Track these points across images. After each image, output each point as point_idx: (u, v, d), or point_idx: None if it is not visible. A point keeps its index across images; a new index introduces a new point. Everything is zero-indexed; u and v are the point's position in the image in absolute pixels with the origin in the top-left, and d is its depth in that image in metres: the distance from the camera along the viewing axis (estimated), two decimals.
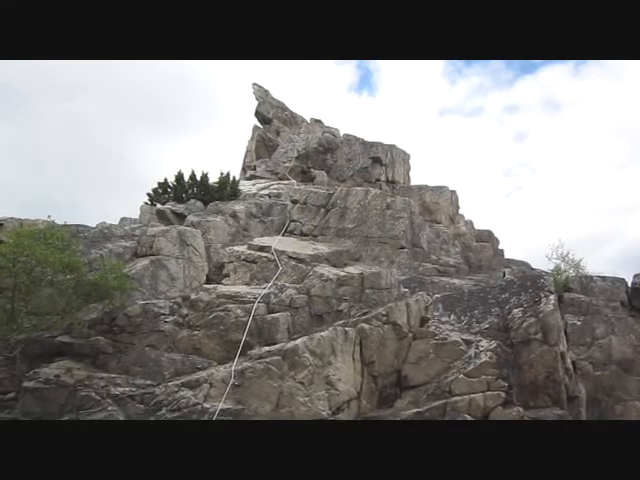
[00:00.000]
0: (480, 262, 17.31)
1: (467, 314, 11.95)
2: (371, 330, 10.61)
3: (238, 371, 9.40)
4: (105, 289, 10.60)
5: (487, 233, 18.95)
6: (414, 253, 15.46)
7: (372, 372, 10.52)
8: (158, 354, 10.13)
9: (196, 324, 10.48)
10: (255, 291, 11.39)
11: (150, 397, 9.38)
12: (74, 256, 10.52)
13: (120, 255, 12.50)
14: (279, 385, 9.35)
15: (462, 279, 14.89)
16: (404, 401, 10.54)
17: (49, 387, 9.41)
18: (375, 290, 11.54)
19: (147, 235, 12.82)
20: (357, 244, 14.94)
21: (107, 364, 10.06)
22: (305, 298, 11.14)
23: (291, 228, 15.60)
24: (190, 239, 13.06)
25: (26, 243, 9.84)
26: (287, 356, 9.61)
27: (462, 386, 10.31)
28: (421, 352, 10.87)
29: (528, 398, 10.85)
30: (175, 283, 12.50)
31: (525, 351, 11.03)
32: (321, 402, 9.52)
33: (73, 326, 10.36)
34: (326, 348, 9.95)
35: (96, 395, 9.39)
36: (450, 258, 16.15)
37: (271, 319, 10.59)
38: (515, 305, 11.74)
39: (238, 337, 10.19)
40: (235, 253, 13.38)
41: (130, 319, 10.43)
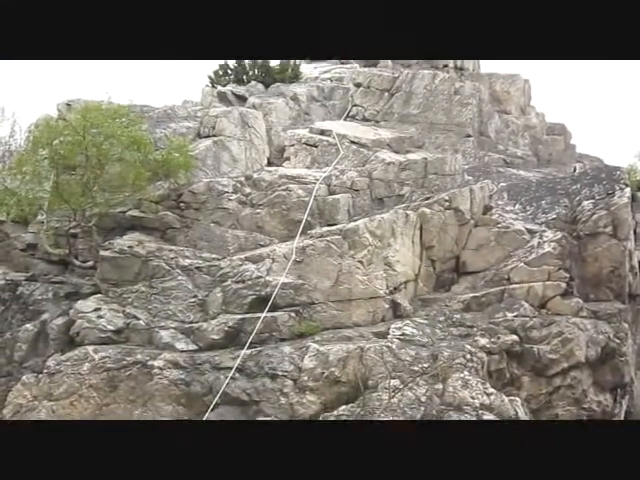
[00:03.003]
0: (550, 156, 16.49)
1: (533, 204, 11.60)
2: (432, 215, 10.52)
3: (299, 248, 9.65)
4: (171, 166, 10.86)
5: (560, 126, 17.83)
6: (480, 142, 14.87)
7: (431, 256, 10.58)
8: (222, 230, 10.49)
9: (259, 203, 10.69)
10: (316, 174, 11.39)
11: (216, 269, 9.86)
12: (140, 132, 10.72)
13: (183, 135, 12.63)
14: (339, 263, 9.58)
15: (529, 171, 14.31)
16: (461, 286, 10.65)
17: (124, 256, 10.03)
18: (438, 176, 11.32)
19: (209, 115, 12.83)
20: (421, 131, 14.43)
21: (175, 238, 10.55)
22: (366, 181, 11.08)
23: (353, 113, 15.17)
24: (251, 121, 12.98)
25: (94, 116, 10.06)
26: (347, 235, 9.75)
27: (522, 274, 10.25)
28: (482, 239, 10.76)
29: (589, 291, 10.73)
30: (237, 165, 12.63)
31: (592, 244, 10.74)
32: (379, 281, 9.74)
33: (142, 201, 10.80)
34: (386, 230, 10.00)
35: (166, 265, 9.95)
36: (518, 149, 15.46)
37: (332, 200, 10.65)
38: (586, 197, 11.28)
39: (299, 216, 10.36)
40: (296, 136, 13.26)
41: (195, 196, 10.74)
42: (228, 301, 9.49)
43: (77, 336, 9.51)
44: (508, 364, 9.52)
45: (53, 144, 10.36)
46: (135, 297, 9.78)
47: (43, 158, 10.55)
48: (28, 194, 10.45)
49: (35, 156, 10.64)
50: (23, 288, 10.39)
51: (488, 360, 9.26)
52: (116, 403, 8.95)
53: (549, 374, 9.61)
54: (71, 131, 10.22)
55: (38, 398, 9.03)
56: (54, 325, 9.75)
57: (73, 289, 10.35)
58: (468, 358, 9.03)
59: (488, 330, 9.56)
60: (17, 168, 10.74)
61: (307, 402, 8.56)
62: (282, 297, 9.33)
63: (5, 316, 10.23)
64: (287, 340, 9.14)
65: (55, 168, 10.42)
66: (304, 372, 8.69)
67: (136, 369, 9.01)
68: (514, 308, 9.87)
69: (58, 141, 10.41)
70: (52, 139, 10.43)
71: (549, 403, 9.65)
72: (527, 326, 9.69)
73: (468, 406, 8.41)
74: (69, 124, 10.42)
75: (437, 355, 8.94)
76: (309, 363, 8.73)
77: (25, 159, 10.80)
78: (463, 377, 8.72)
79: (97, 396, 8.97)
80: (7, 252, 11.41)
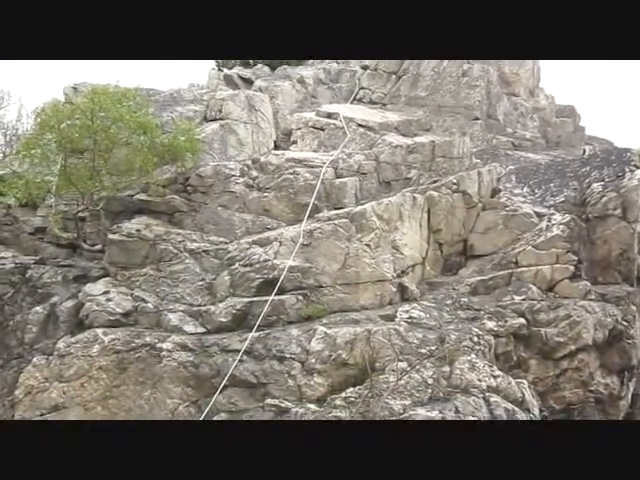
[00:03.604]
0: (559, 138, 16.33)
1: (542, 187, 11.53)
2: (440, 198, 10.48)
3: (307, 231, 9.65)
4: (178, 150, 10.84)
5: (569, 109, 17.62)
6: (488, 125, 14.73)
7: (438, 240, 10.56)
8: (230, 214, 10.50)
9: (266, 186, 10.67)
10: (323, 157, 11.35)
11: (223, 253, 9.89)
12: (147, 116, 10.70)
13: (190, 119, 12.59)
14: (346, 246, 9.57)
15: (538, 154, 14.20)
16: (468, 269, 10.63)
17: (132, 240, 10.07)
18: (446, 159, 11.24)
19: (216, 99, 12.79)
20: (428, 114, 14.33)
21: (182, 222, 10.57)
22: (374, 164, 11.02)
23: (360, 96, 15.08)
24: (258, 104, 12.93)
25: (102, 100, 10.03)
26: (355, 219, 9.73)
27: (529, 258, 10.22)
28: (490, 222, 10.72)
29: (597, 274, 10.70)
30: (244, 148, 12.61)
31: (601, 226, 10.68)
32: (386, 265, 9.73)
33: (149, 185, 10.81)
34: (394, 213, 9.97)
35: (174, 249, 9.98)
36: (527, 132, 15.32)
37: (339, 184, 10.62)
38: (596, 179, 11.19)
39: (306, 200, 10.34)
40: (303, 120, 13.20)
41: (202, 179, 10.74)
42: (236, 284, 9.52)
43: (86, 319, 9.59)
44: (515, 347, 9.53)
45: (61, 127, 10.36)
46: (143, 280, 9.83)
47: (51, 142, 10.56)
48: (36, 177, 10.49)
49: (42, 139, 10.65)
50: (32, 271, 10.47)
51: (495, 343, 9.28)
52: (125, 385, 9.05)
53: (556, 357, 9.62)
54: (79, 114, 10.21)
55: (49, 380, 9.14)
56: (63, 308, 9.84)
57: (82, 272, 10.42)
58: (475, 341, 9.05)
59: (495, 313, 9.56)
60: (25, 151, 10.77)
61: (314, 384, 8.62)
62: (290, 280, 9.35)
63: (15, 299, 10.33)
64: (295, 323, 9.17)
65: (63, 152, 10.43)
66: (312, 355, 8.74)
67: (145, 351, 9.09)
68: (522, 291, 9.85)
69: (66, 124, 10.41)
70: (60, 122, 10.42)
71: (556, 386, 9.67)
72: (535, 309, 9.68)
73: (475, 388, 8.45)
74: (77, 107, 10.41)
75: (444, 338, 8.95)
76: (317, 346, 8.77)
77: (32, 142, 10.82)
78: (470, 360, 8.74)
79: (107, 378, 9.07)
80: (16, 236, 11.49)
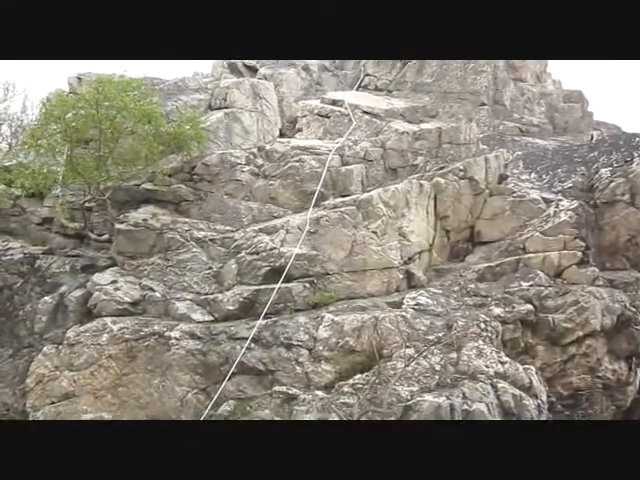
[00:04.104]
0: (566, 124, 16.15)
1: (549, 173, 11.46)
2: (447, 184, 10.44)
3: (313, 219, 9.65)
4: (183, 139, 10.83)
5: (577, 94, 17.42)
6: (495, 111, 14.60)
7: (445, 226, 10.54)
8: (236, 202, 10.50)
9: (272, 174, 10.65)
10: (329, 144, 11.31)
11: (230, 241, 9.91)
12: (152, 105, 10.67)
13: (195, 108, 12.56)
14: (353, 234, 9.57)
15: (545, 139, 14.08)
16: (475, 256, 10.61)
17: (139, 229, 10.10)
18: (453, 145, 11.18)
19: (220, 87, 12.74)
20: (434, 100, 14.20)
21: (189, 211, 10.59)
22: (380, 151, 10.98)
23: (365, 82, 14.94)
24: (263, 92, 12.86)
25: (107, 89, 10.01)
26: (361, 206, 9.72)
27: (537, 244, 10.19)
28: (497, 209, 10.68)
29: (605, 259, 10.67)
30: (249, 137, 12.57)
31: (609, 212, 10.64)
32: (393, 252, 9.73)
33: (155, 174, 10.81)
34: (400, 200, 9.94)
35: (181, 238, 10.01)
36: (534, 117, 15.17)
37: (345, 171, 10.59)
38: (604, 164, 11.12)
39: (313, 187, 10.32)
40: (308, 107, 13.11)
41: (208, 168, 10.73)
42: (243, 272, 9.55)
43: (95, 308, 9.65)
44: (523, 333, 9.53)
45: (66, 118, 10.36)
46: (151, 269, 9.87)
47: (57, 132, 10.56)
48: (42, 167, 10.51)
49: (48, 130, 10.65)
50: (41, 261, 10.53)
51: (503, 329, 9.28)
52: (135, 373, 9.12)
53: (564, 343, 9.62)
54: (84, 104, 10.20)
55: (59, 368, 9.23)
56: (72, 297, 9.90)
57: (89, 262, 10.48)
58: (482, 327, 9.05)
59: (503, 300, 9.55)
60: (31, 141, 10.78)
61: (322, 371, 8.66)
62: (296, 268, 9.36)
63: (24, 289, 10.40)
64: (302, 310, 9.21)
65: (68, 142, 10.43)
66: (319, 342, 8.77)
67: (154, 340, 9.16)
68: (529, 277, 9.83)
69: (71, 114, 10.41)
70: (65, 112, 10.42)
71: (563, 372, 9.68)
72: (542, 295, 9.66)
73: (482, 374, 8.47)
74: (82, 97, 10.40)
75: (452, 324, 8.97)
76: (324, 333, 8.80)
77: (38, 133, 10.83)
78: (477, 346, 8.76)
79: (116, 366, 9.14)
80: (24, 226, 11.53)
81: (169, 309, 9.54)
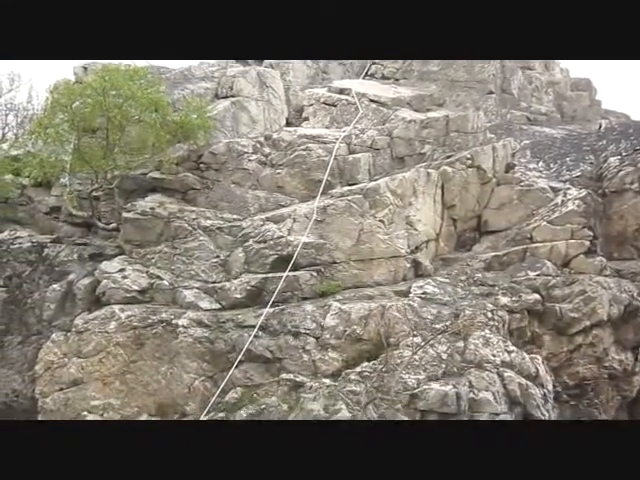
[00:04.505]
0: (574, 112, 16.06)
1: (557, 161, 11.40)
2: (454, 173, 10.40)
3: (320, 207, 9.64)
4: (189, 128, 10.81)
5: (585, 82, 17.29)
6: (503, 99, 14.51)
7: (452, 215, 10.52)
8: (243, 191, 10.50)
9: (279, 163, 10.64)
10: (336, 133, 11.28)
11: (237, 230, 9.92)
12: (159, 93, 10.65)
13: (201, 96, 12.52)
14: (360, 222, 9.56)
15: (553, 128, 13.98)
16: (482, 245, 10.59)
17: (146, 218, 10.12)
18: (460, 134, 11.12)
19: (227, 76, 12.68)
20: (441, 88, 14.12)
21: (196, 199, 10.60)
22: (387, 140, 10.94)
23: (372, 71, 14.87)
24: (269, 80, 12.81)
25: (114, 78, 9.99)
26: (368, 195, 9.71)
27: (544, 233, 10.15)
28: (504, 198, 10.64)
29: (613, 249, 10.62)
30: (256, 125, 12.53)
31: (617, 201, 10.58)
32: (400, 241, 9.72)
33: (162, 163, 10.81)
34: (407, 189, 9.92)
35: (188, 226, 10.03)
36: (542, 106, 15.08)
37: (352, 159, 10.57)
38: (612, 153, 11.05)
39: (320, 176, 10.31)
40: (314, 96, 13.08)
41: (215, 157, 10.72)
42: (250, 261, 9.57)
43: (103, 296, 9.70)
44: (529, 323, 9.52)
45: (73, 106, 10.36)
46: (158, 258, 9.91)
47: (64, 121, 10.56)
48: (50, 156, 10.52)
49: (55, 119, 10.65)
50: (49, 250, 10.59)
51: (509, 318, 9.27)
52: (143, 360, 9.18)
53: (571, 332, 9.60)
54: (91, 92, 10.19)
55: (68, 355, 9.30)
56: (80, 285, 9.95)
57: (97, 250, 10.52)
58: (489, 316, 9.05)
59: (510, 289, 9.53)
60: (38, 130, 10.78)
61: (329, 359, 8.70)
62: (304, 256, 9.38)
63: (32, 277, 10.47)
64: (309, 299, 9.23)
65: (76, 131, 10.44)
66: (326, 330, 8.80)
67: (161, 327, 9.20)
68: (536, 267, 9.81)
69: (78, 103, 10.40)
70: (72, 101, 10.42)
71: (570, 361, 9.68)
72: (549, 285, 9.64)
73: (489, 363, 8.47)
74: (89, 85, 10.38)
75: (458, 313, 8.96)
76: (331, 321, 8.83)
77: (45, 122, 10.83)
78: (484, 335, 8.76)
79: (124, 353, 9.20)
80: (31, 215, 11.59)
81: (177, 297, 9.58)
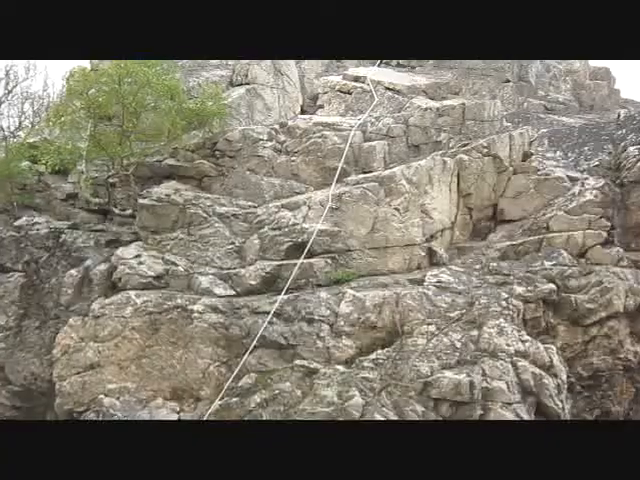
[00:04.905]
0: (593, 101, 15.86)
1: (575, 151, 11.25)
2: (470, 162, 10.32)
3: (335, 195, 9.63)
4: (205, 115, 10.83)
5: (604, 70, 17.04)
6: (520, 88, 14.36)
7: (468, 204, 10.44)
8: (258, 178, 10.51)
9: (294, 150, 10.62)
10: (351, 121, 11.22)
11: (252, 216, 9.95)
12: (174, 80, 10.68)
13: (216, 84, 12.55)
14: (375, 210, 9.54)
15: (571, 117, 13.81)
16: (498, 235, 10.51)
17: (162, 204, 10.18)
18: (477, 122, 11.00)
19: (242, 63, 12.70)
20: (457, 76, 14.00)
21: (211, 186, 10.63)
22: (403, 128, 10.86)
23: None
24: (284, 68, 12.81)
25: (129, 65, 10.02)
26: (384, 183, 9.67)
27: (561, 223, 10.05)
28: (521, 187, 10.53)
29: (630, 240, 10.47)
30: (270, 113, 12.56)
31: (636, 191, 10.41)
32: (415, 229, 9.68)
33: (178, 150, 10.86)
34: (423, 177, 9.87)
35: (203, 213, 10.07)
36: (560, 95, 14.91)
37: (368, 147, 10.52)
38: (632, 142, 10.87)
39: (335, 164, 10.28)
40: (329, 83, 13.04)
41: (230, 144, 10.73)
42: (265, 248, 9.60)
43: (119, 281, 9.80)
44: (544, 313, 9.46)
45: (89, 93, 10.41)
46: (174, 244, 9.97)
47: (80, 108, 10.63)
48: (67, 143, 10.61)
49: (71, 106, 10.73)
50: (66, 236, 10.70)
51: (524, 308, 9.22)
52: (158, 345, 9.28)
53: (586, 323, 9.53)
54: (107, 79, 10.23)
55: (85, 339, 9.43)
56: (97, 271, 10.06)
57: (113, 237, 10.62)
58: (504, 306, 9.02)
59: (525, 278, 9.47)
60: (55, 118, 10.87)
61: (343, 346, 8.73)
62: (318, 244, 9.39)
63: (50, 262, 10.60)
64: (323, 286, 9.24)
65: (92, 118, 10.50)
66: (340, 317, 8.82)
67: (176, 313, 9.29)
68: (552, 257, 9.73)
69: (94, 90, 10.46)
70: (88, 88, 10.48)
71: (584, 352, 9.61)
72: (565, 275, 9.56)
73: (503, 352, 8.47)
74: (105, 72, 10.43)
75: (473, 302, 8.94)
76: (345, 308, 8.85)
77: (62, 109, 10.91)
78: (499, 324, 8.74)
79: (140, 338, 9.31)
80: (48, 202, 11.69)
81: (192, 283, 9.65)
